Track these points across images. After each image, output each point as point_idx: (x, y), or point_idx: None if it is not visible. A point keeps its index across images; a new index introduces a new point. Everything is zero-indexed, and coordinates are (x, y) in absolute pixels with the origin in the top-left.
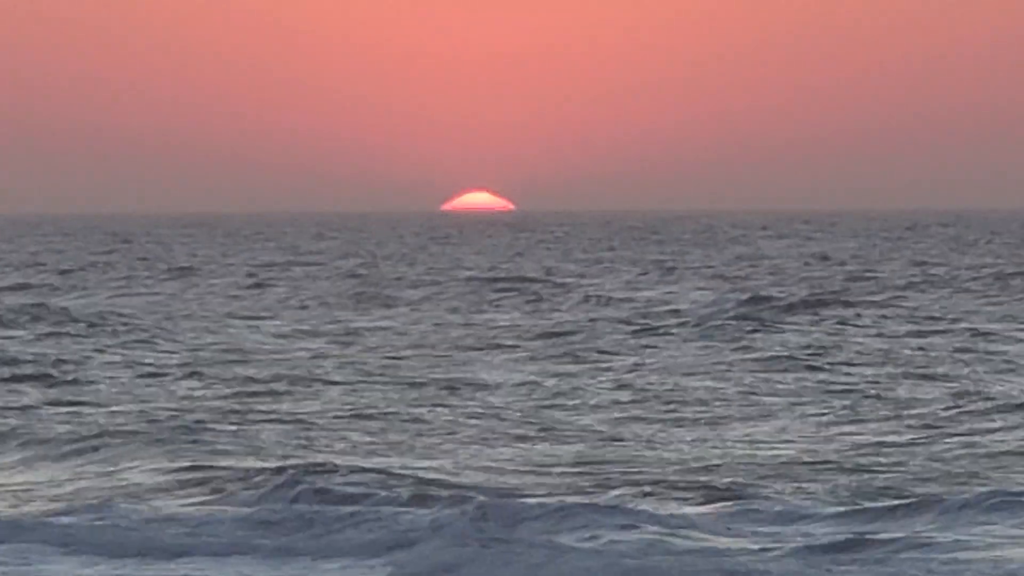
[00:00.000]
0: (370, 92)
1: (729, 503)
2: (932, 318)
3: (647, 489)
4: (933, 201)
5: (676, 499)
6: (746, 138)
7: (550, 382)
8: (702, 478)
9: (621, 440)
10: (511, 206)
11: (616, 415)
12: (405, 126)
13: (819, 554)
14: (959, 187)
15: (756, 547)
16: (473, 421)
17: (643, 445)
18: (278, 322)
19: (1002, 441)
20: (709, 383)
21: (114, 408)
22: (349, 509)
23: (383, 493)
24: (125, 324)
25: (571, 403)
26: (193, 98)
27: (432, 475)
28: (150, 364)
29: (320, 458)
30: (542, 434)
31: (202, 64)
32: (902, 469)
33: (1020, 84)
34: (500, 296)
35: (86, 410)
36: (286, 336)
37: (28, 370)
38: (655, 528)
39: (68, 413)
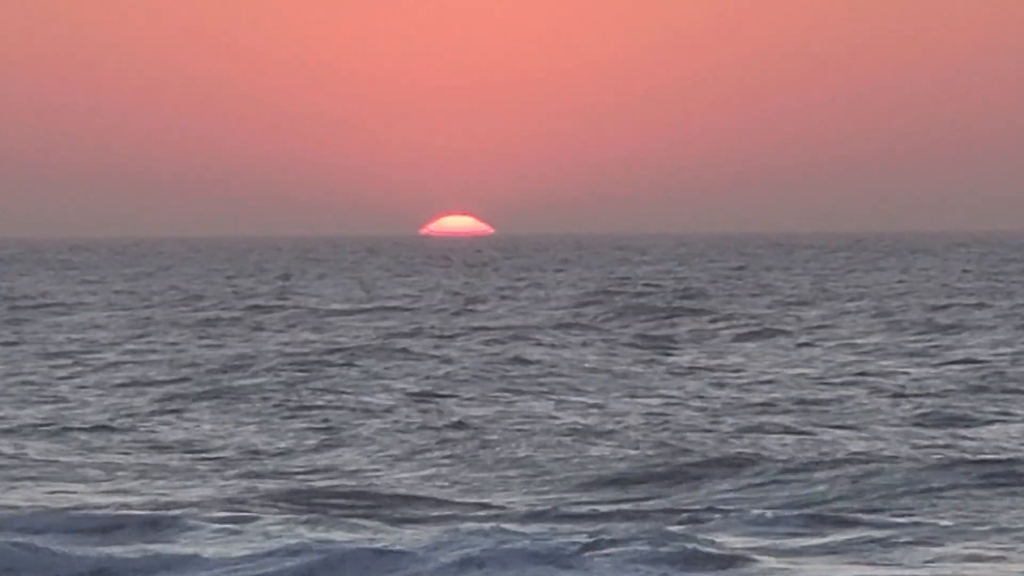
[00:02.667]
0: (349, 115)
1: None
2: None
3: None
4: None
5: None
6: (726, 161)
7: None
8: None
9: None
10: (490, 230)
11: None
12: (384, 149)
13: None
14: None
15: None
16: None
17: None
18: None
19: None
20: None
21: None
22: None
23: None
24: None
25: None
26: (168, 122)
27: None
28: None
29: None
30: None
31: (177, 88)
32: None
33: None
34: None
35: None
36: None
37: None
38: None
39: None
